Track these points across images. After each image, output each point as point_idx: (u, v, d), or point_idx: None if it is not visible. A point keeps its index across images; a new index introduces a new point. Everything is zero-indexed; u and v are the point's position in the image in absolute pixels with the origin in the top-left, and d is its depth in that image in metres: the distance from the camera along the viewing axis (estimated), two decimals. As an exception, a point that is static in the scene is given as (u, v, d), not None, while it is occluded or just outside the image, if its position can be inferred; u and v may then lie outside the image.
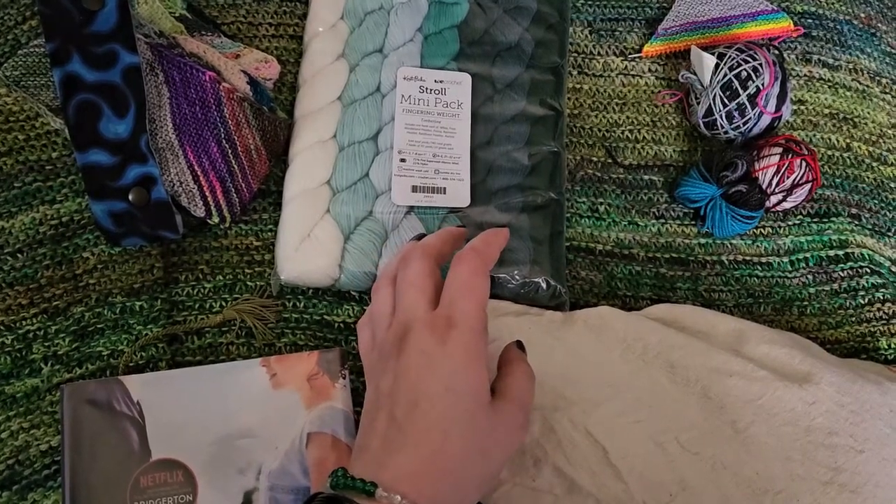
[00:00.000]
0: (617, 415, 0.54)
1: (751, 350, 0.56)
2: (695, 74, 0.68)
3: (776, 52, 0.69)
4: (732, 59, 0.66)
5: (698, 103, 0.68)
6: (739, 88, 0.65)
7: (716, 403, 0.53)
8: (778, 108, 0.66)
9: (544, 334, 0.59)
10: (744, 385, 0.53)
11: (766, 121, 0.66)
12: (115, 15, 0.57)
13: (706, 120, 0.68)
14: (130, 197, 0.59)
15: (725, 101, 0.66)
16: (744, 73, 0.65)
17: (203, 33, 0.65)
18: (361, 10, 0.68)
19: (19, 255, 0.60)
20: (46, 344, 0.58)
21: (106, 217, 0.59)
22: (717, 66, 0.66)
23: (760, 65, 0.65)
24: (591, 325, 0.59)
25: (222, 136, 0.60)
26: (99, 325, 0.59)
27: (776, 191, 0.65)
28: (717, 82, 0.66)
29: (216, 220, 0.61)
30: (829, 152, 0.72)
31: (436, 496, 0.39)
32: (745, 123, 0.66)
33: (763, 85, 0.65)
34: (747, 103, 0.65)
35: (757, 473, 0.50)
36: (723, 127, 0.67)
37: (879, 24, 0.79)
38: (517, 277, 0.61)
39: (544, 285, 0.62)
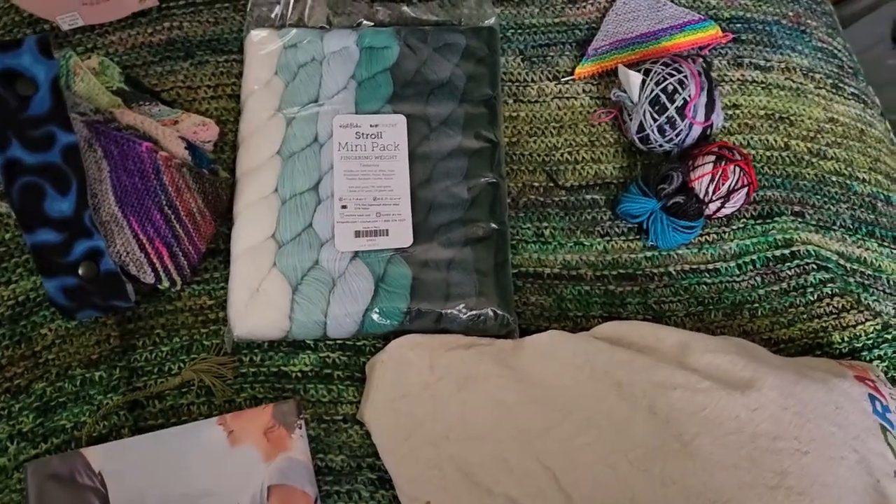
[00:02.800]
0: (567, 439, 0.54)
1: (695, 361, 0.56)
2: (625, 92, 0.69)
3: (702, 61, 0.70)
4: (658, 74, 0.67)
5: (631, 120, 0.69)
6: (667, 102, 0.67)
7: (661, 418, 0.54)
8: (707, 117, 0.67)
9: (495, 364, 0.60)
10: (688, 397, 0.54)
11: (697, 131, 0.68)
12: (48, 98, 0.59)
13: (640, 135, 0.69)
14: (80, 271, 0.60)
15: (655, 115, 0.67)
16: (670, 87, 0.67)
17: (141, 103, 0.66)
18: (294, 64, 0.69)
19: (-20, 338, 0.62)
20: (11, 423, 0.60)
21: (59, 293, 0.61)
22: (643, 82, 0.67)
23: (686, 77, 0.67)
24: (541, 351, 0.60)
25: (164, 203, 0.61)
26: (61, 399, 0.61)
27: (713, 198, 0.66)
28: (646, 98, 0.67)
29: (166, 284, 0.62)
30: (768, 153, 0.73)
31: None
32: (677, 135, 0.68)
33: (690, 96, 0.66)
34: (676, 116, 0.67)
35: (704, 485, 0.51)
36: (656, 141, 0.68)
37: (809, 21, 0.80)
38: (465, 311, 0.62)
39: (492, 316, 0.63)
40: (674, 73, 0.67)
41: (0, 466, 0.59)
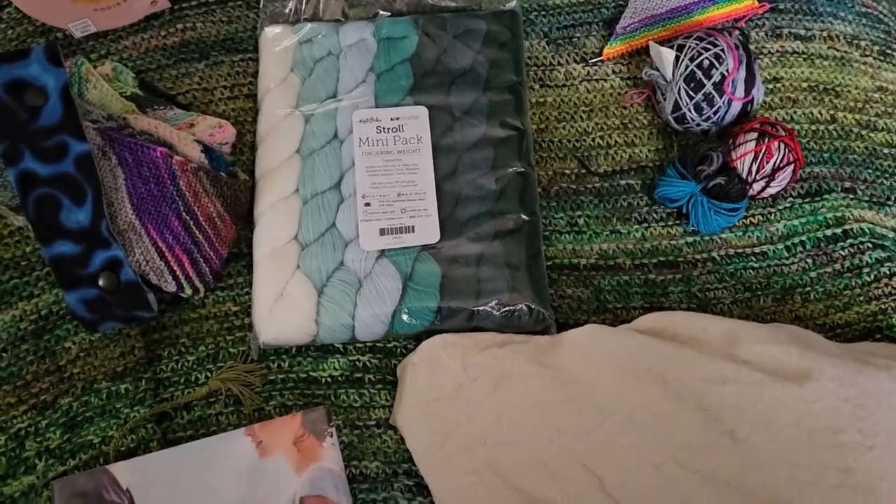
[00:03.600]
0: (610, 440, 0.51)
1: (745, 351, 0.53)
2: (657, 70, 0.66)
3: (738, 34, 0.66)
4: (692, 50, 0.63)
5: (665, 99, 0.65)
6: (703, 78, 0.63)
7: (711, 414, 0.50)
8: (748, 92, 0.63)
9: (531, 363, 0.57)
10: (739, 391, 0.50)
11: (737, 107, 0.64)
12: (59, 107, 0.57)
13: (675, 115, 0.65)
14: (100, 282, 0.59)
15: (691, 93, 0.63)
16: (706, 62, 0.63)
17: (156, 108, 0.65)
18: (310, 60, 0.67)
19: (4, 355, 0.61)
20: (38, 439, 0.59)
21: (80, 305, 0.59)
22: (677, 58, 0.64)
23: (722, 50, 0.63)
24: (579, 346, 0.57)
25: (181, 209, 0.60)
26: (87, 414, 0.59)
27: (757, 178, 0.62)
28: (680, 75, 0.64)
29: (189, 292, 0.61)
30: (814, 127, 0.69)
31: None
32: (715, 113, 0.64)
33: (728, 71, 0.62)
34: (714, 92, 0.63)
35: (761, 485, 0.47)
36: (693, 120, 0.65)
37: (851, -15, 0.75)
38: (497, 307, 0.60)
39: (527, 311, 0.60)
40: (709, 47, 0.63)
41: (29, 485, 0.57)
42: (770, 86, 0.70)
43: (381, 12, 0.70)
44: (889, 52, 0.73)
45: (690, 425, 0.50)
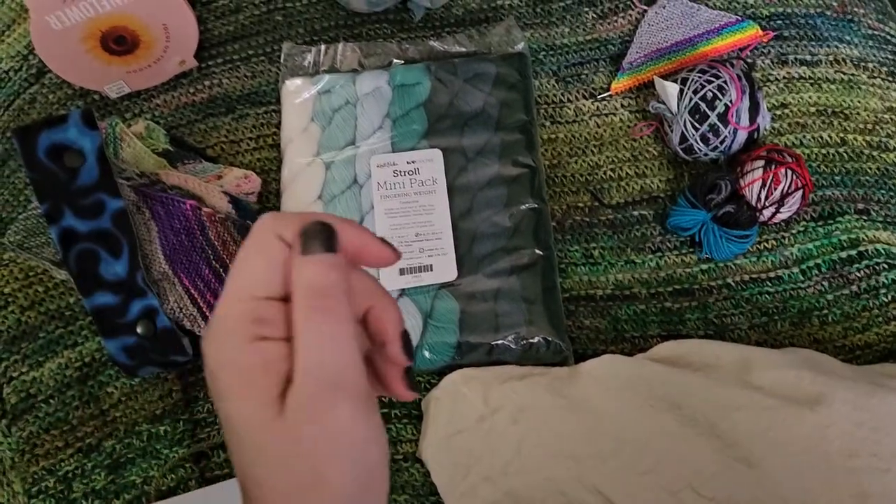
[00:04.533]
0: (626, 468, 0.53)
1: (758, 378, 0.54)
2: (663, 104, 0.68)
3: (742, 64, 0.68)
4: (696, 82, 0.65)
5: (672, 131, 0.67)
6: (707, 110, 0.64)
7: (726, 441, 0.51)
8: (752, 121, 0.65)
9: (549, 394, 0.58)
10: (752, 417, 0.51)
11: (743, 136, 0.65)
12: (95, 168, 0.61)
13: (683, 146, 0.67)
14: (139, 330, 0.62)
15: (696, 124, 0.65)
16: (709, 94, 0.65)
17: (186, 162, 0.69)
18: (329, 109, 0.70)
19: (51, 401, 0.64)
20: (84, 481, 0.62)
21: (120, 352, 0.63)
22: (681, 91, 0.66)
23: (725, 82, 0.64)
24: (596, 377, 0.58)
25: (211, 257, 0.63)
26: (129, 455, 0.62)
27: (766, 204, 0.64)
28: (685, 108, 0.65)
29: (221, 336, 0.64)
30: (823, 150, 0.70)
31: None
32: (721, 143, 0.65)
33: (731, 102, 0.64)
34: (718, 123, 0.64)
35: (777, 511, 0.48)
36: (700, 150, 0.66)
37: (856, 9, 0.77)
38: (515, 341, 0.61)
39: (544, 344, 0.62)
40: (712, 79, 0.65)
41: (76, 525, 0.60)
42: (778, 112, 0.71)
43: (395, 60, 0.73)
44: (898, 72, 0.74)
45: (705, 452, 0.51)
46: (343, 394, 0.30)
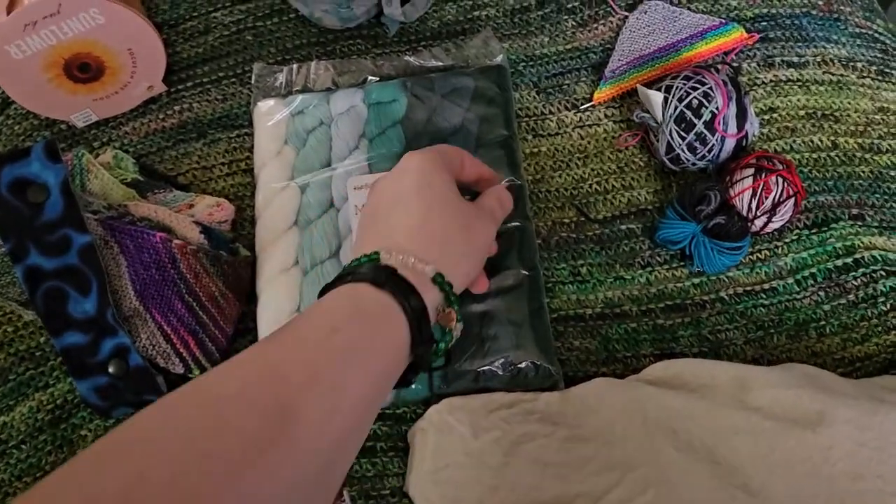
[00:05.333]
0: (625, 498, 0.50)
1: (755, 398, 0.51)
2: (648, 112, 0.65)
3: (728, 69, 0.66)
4: (680, 90, 0.63)
5: (658, 141, 0.65)
6: (694, 118, 0.62)
7: (725, 468, 0.49)
8: (740, 128, 0.63)
9: (540, 422, 0.56)
10: (751, 441, 0.49)
11: (731, 144, 0.63)
12: (60, 202, 0.59)
13: (670, 156, 0.65)
14: (111, 369, 0.60)
15: (683, 134, 0.63)
16: (695, 102, 0.62)
17: (156, 191, 0.66)
18: (303, 131, 0.68)
19: (23, 447, 0.62)
20: (58, 530, 0.59)
21: (92, 394, 0.60)
22: (665, 100, 0.63)
23: (711, 88, 0.62)
24: (587, 404, 0.56)
25: (184, 291, 0.60)
26: (105, 501, 0.60)
27: (758, 214, 0.61)
28: (670, 117, 0.63)
29: (197, 372, 0.61)
30: (815, 155, 0.68)
31: (428, 253, 0.45)
32: (709, 151, 0.63)
33: (717, 109, 0.62)
34: (706, 131, 0.62)
35: (781, 542, 0.46)
36: (688, 160, 0.64)
37: (842, 7, 0.75)
38: (503, 366, 0.59)
39: (533, 368, 0.59)
40: (697, 85, 0.63)
41: (50, 578, 0.58)
42: (766, 116, 0.69)
43: (370, 77, 0.70)
44: (887, 70, 0.72)
45: (704, 479, 0.49)
46: None
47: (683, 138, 0.63)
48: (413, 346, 0.42)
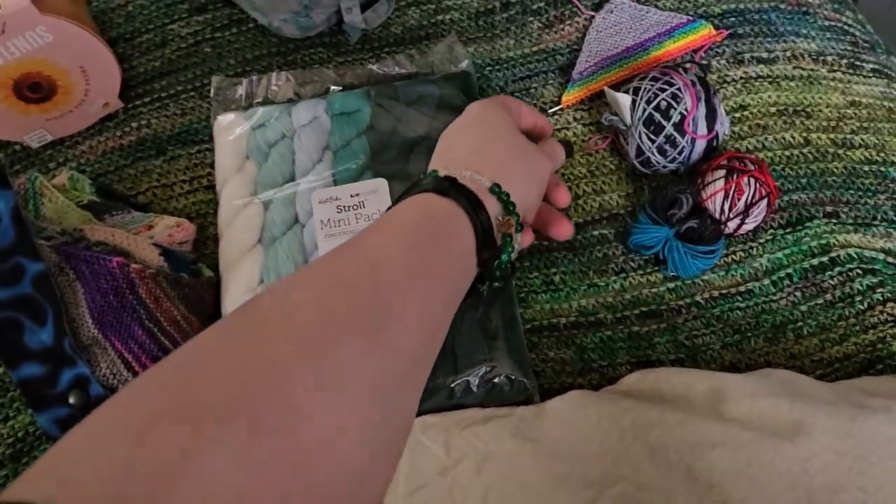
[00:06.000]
0: (601, 520, 0.49)
1: (733, 409, 0.50)
2: (616, 115, 0.64)
3: (695, 68, 0.64)
4: (648, 92, 0.62)
5: (628, 144, 0.64)
6: (662, 120, 0.61)
7: (703, 484, 0.47)
8: (710, 129, 0.61)
9: (514, 438, 0.54)
10: (729, 455, 0.48)
11: (701, 145, 0.62)
12: (11, 229, 0.57)
13: (640, 159, 0.63)
14: (71, 400, 0.58)
15: (652, 136, 0.61)
16: (663, 103, 0.61)
17: (114, 213, 0.64)
18: (265, 145, 0.66)
19: (-17, 483, 0.60)
20: (23, 569, 0.57)
21: (53, 426, 0.58)
22: (633, 102, 0.62)
23: (679, 89, 0.61)
24: (563, 418, 0.54)
25: (144, 317, 0.58)
26: (70, 537, 0.58)
27: (731, 216, 0.60)
28: (639, 119, 0.62)
29: (161, 400, 0.59)
30: (787, 152, 0.67)
31: (484, 167, 0.48)
32: (680, 154, 0.62)
33: (686, 110, 0.60)
34: (675, 133, 0.61)
35: (761, 559, 0.45)
36: (659, 162, 0.63)
37: (811, 0, 0.73)
38: (476, 381, 0.57)
39: (507, 382, 0.58)
40: (665, 87, 0.61)
41: None
42: (737, 114, 0.68)
43: (333, 87, 0.69)
44: (858, 63, 0.71)
45: (682, 496, 0.48)
46: None
47: (653, 141, 0.61)
48: (479, 253, 0.45)
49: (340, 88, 0.69)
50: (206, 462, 0.26)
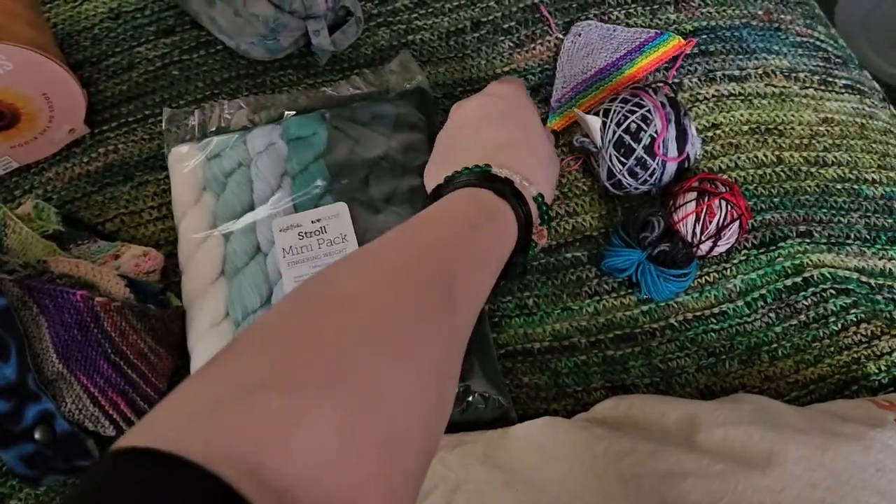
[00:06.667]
0: (572, 552, 0.48)
1: (705, 438, 0.50)
2: (587, 137, 0.63)
3: (667, 88, 0.64)
4: (618, 114, 0.61)
5: (599, 167, 0.63)
6: (633, 142, 0.60)
7: (675, 516, 0.47)
8: (681, 151, 0.61)
9: (483, 465, 0.54)
10: (701, 486, 0.47)
11: (672, 167, 0.61)
12: (-29, 264, 0.56)
13: (611, 181, 0.63)
14: (37, 437, 0.56)
15: (623, 159, 0.61)
16: (633, 126, 0.60)
17: (80, 242, 0.63)
18: (221, 175, 0.64)
19: (-52, 522, 0.59)
20: None
21: (18, 463, 0.57)
22: (604, 124, 0.61)
23: (649, 111, 0.60)
24: (533, 444, 0.54)
25: (109, 351, 0.57)
26: (37, 576, 0.57)
27: (703, 239, 0.60)
28: (609, 142, 0.61)
29: (128, 434, 0.58)
30: (760, 171, 0.66)
31: (533, 174, 0.52)
32: (651, 176, 0.61)
33: (657, 132, 0.60)
34: (646, 156, 0.60)
35: None
36: (630, 185, 0.62)
37: (783, 16, 0.73)
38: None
39: (482, 400, 0.57)
40: (635, 108, 0.61)
41: None
42: (709, 133, 0.68)
43: (287, 112, 0.67)
44: (830, 79, 0.71)
45: (653, 529, 0.47)
46: None
47: (624, 164, 0.61)
48: (514, 252, 0.49)
49: (294, 113, 0.67)
50: (306, 429, 0.29)
